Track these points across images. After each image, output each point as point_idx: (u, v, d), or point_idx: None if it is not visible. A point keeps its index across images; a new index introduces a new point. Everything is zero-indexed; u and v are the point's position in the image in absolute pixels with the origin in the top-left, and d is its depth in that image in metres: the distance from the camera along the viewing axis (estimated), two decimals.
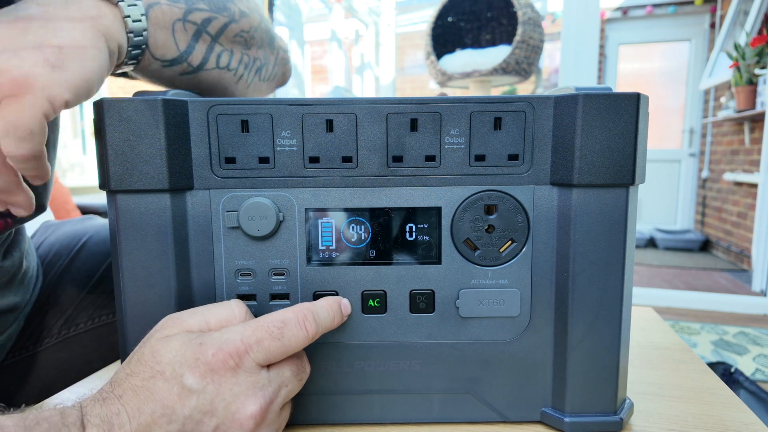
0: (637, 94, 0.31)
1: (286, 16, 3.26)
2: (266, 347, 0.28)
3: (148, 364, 0.27)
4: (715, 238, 3.54)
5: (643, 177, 0.33)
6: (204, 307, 0.31)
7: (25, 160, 0.29)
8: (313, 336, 0.30)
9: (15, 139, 0.28)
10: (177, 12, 0.39)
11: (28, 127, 0.28)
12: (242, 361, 0.27)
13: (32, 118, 0.28)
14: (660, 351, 0.49)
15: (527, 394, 0.35)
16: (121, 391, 0.26)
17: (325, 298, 0.33)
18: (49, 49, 0.29)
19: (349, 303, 0.33)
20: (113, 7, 0.34)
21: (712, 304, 2.31)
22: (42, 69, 0.28)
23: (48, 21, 0.30)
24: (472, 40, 2.54)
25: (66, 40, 0.30)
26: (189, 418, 0.26)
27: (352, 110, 0.31)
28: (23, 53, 0.28)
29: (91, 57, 0.30)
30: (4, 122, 0.28)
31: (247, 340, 0.28)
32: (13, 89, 0.28)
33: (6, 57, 0.28)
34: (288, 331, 0.29)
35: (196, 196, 0.32)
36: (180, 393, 0.26)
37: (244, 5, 0.47)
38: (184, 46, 0.40)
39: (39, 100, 0.28)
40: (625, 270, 0.32)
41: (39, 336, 0.55)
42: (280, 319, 0.29)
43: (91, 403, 0.26)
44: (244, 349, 0.27)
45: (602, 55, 3.94)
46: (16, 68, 0.28)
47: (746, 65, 2.71)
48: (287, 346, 0.29)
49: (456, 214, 0.33)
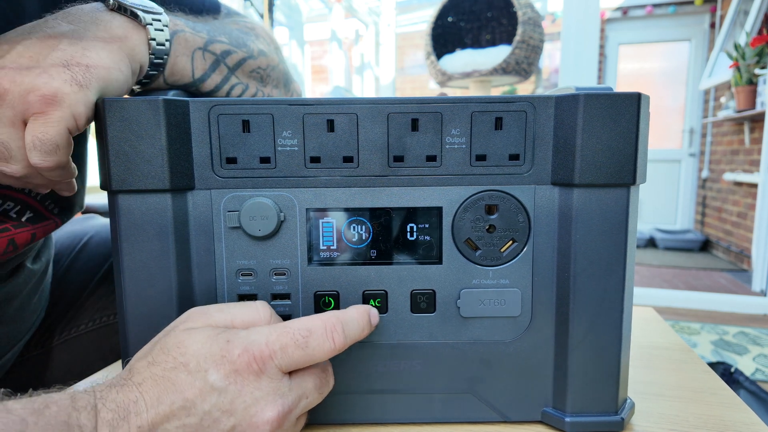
0: (638, 93, 0.31)
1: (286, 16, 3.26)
2: (290, 354, 0.27)
3: (172, 354, 0.27)
4: (715, 238, 3.54)
5: (644, 177, 0.33)
6: (230, 305, 0.31)
7: (51, 170, 0.31)
8: (341, 348, 0.29)
9: (42, 152, 0.30)
10: (199, 41, 0.40)
11: (55, 142, 0.30)
12: (266, 366, 0.27)
13: (59, 133, 0.30)
14: (661, 351, 0.49)
15: (528, 394, 0.35)
16: (141, 379, 0.26)
17: (356, 307, 0.31)
18: (77, 68, 0.30)
19: (377, 313, 0.32)
20: (141, 29, 0.35)
21: (712, 304, 2.31)
22: (70, 87, 0.30)
23: (77, 40, 0.31)
24: (472, 40, 2.54)
25: (93, 60, 0.31)
26: (208, 414, 0.26)
27: (353, 110, 0.31)
28: (52, 70, 0.30)
29: (116, 78, 0.32)
30: (32, 137, 0.30)
31: (271, 345, 0.27)
32: (42, 107, 0.29)
33: (36, 73, 0.29)
34: (313, 340, 0.28)
35: (197, 196, 0.32)
36: (202, 388, 0.26)
37: (264, 45, 0.49)
38: (199, 74, 0.41)
39: (66, 117, 0.30)
40: (626, 270, 0.32)
41: (40, 338, 0.55)
42: (307, 327, 0.28)
43: (106, 389, 0.25)
44: (268, 354, 0.27)
45: (602, 55, 3.94)
46: (45, 85, 0.29)
47: (746, 65, 2.71)
48: (311, 355, 0.28)
49: (457, 214, 0.33)
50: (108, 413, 0.24)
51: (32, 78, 0.29)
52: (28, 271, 0.48)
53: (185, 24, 0.40)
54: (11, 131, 0.30)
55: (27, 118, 0.30)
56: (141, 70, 0.36)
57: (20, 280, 0.46)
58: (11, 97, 0.29)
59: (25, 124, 0.30)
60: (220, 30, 0.44)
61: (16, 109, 0.29)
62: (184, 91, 0.41)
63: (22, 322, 0.50)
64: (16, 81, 0.29)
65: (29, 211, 0.42)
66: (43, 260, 0.51)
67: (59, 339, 0.56)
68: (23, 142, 0.30)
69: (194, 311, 0.30)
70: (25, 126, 0.30)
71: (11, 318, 0.47)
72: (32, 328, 0.53)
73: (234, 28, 0.46)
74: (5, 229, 0.40)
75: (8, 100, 0.29)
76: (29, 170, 0.31)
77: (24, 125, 0.30)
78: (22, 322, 0.50)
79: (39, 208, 0.43)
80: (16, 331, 0.49)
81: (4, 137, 0.30)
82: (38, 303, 0.52)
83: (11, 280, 0.45)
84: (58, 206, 0.45)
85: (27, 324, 0.51)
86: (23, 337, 0.51)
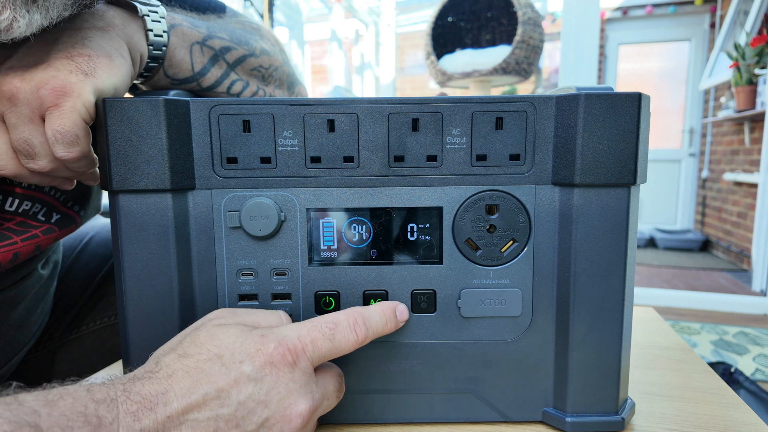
0: (639, 93, 0.31)
1: (286, 16, 3.26)
2: (319, 347, 0.28)
3: (206, 346, 0.27)
4: (715, 238, 3.54)
5: (645, 177, 0.33)
6: (254, 310, 0.32)
7: (76, 161, 0.32)
8: (363, 340, 0.30)
9: (64, 144, 0.31)
10: (197, 35, 0.41)
11: (74, 132, 0.31)
12: (299, 359, 0.28)
13: (75, 123, 0.31)
14: (661, 351, 0.49)
15: (529, 394, 0.35)
16: (171, 371, 0.26)
17: (380, 303, 0.33)
18: (80, 58, 0.31)
19: (406, 309, 0.33)
20: (138, 19, 0.36)
21: (712, 304, 2.31)
22: (76, 77, 0.30)
23: (76, 30, 0.32)
24: (472, 40, 2.54)
25: (94, 49, 0.32)
26: (242, 405, 0.26)
27: (353, 110, 0.31)
28: (57, 63, 0.30)
29: (118, 64, 0.33)
30: (52, 131, 0.30)
31: (303, 339, 0.28)
32: (55, 99, 0.30)
33: (43, 68, 0.30)
34: (339, 332, 0.29)
35: (198, 196, 0.32)
36: (237, 378, 0.26)
37: (268, 45, 0.49)
38: (199, 67, 0.41)
39: (77, 106, 0.30)
40: (626, 270, 0.32)
41: (41, 340, 0.55)
42: (332, 320, 0.30)
43: (129, 381, 0.25)
44: (301, 347, 0.28)
45: (602, 55, 3.94)
46: (53, 78, 0.30)
47: (746, 65, 2.71)
48: (337, 347, 0.29)
49: (457, 214, 0.33)
50: (132, 405, 0.23)
51: (40, 73, 0.30)
52: (38, 275, 0.48)
53: (183, 19, 0.40)
54: (31, 128, 0.30)
55: (44, 114, 0.30)
56: (141, 61, 0.36)
57: (27, 285, 0.46)
58: (24, 94, 0.30)
59: (43, 120, 0.31)
60: (221, 27, 0.44)
61: (32, 105, 0.30)
62: (186, 90, 0.41)
63: (30, 326, 0.49)
64: (26, 78, 0.30)
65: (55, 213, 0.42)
66: (51, 264, 0.51)
67: (60, 341, 0.56)
68: (44, 137, 0.31)
69: (223, 310, 0.31)
70: (43, 121, 0.31)
71: (16, 323, 0.47)
72: (38, 332, 0.52)
73: (237, 27, 0.46)
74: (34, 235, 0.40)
75: (22, 98, 0.30)
76: (55, 164, 0.32)
77: (42, 120, 0.31)
78: (30, 326, 0.49)
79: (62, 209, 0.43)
80: (25, 335, 0.49)
81: (26, 134, 0.31)
82: (43, 308, 0.52)
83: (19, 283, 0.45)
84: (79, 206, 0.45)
85: (33, 328, 0.51)
86: (29, 341, 0.51)
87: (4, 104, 0.30)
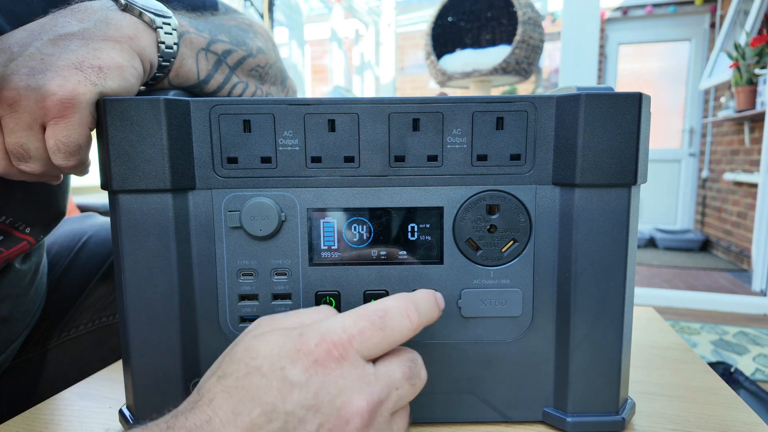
0: (639, 93, 0.31)
1: (286, 16, 3.26)
2: (368, 338, 0.25)
3: (243, 361, 0.24)
4: (715, 238, 3.54)
5: (645, 177, 0.32)
6: (296, 311, 0.29)
7: (74, 168, 0.32)
8: (417, 327, 0.27)
9: (65, 154, 0.31)
10: (202, 42, 0.40)
11: (78, 144, 0.31)
12: (347, 352, 0.25)
13: (81, 135, 0.30)
14: (661, 351, 0.49)
15: (529, 393, 0.35)
16: (211, 396, 0.24)
17: (421, 290, 0.29)
18: (90, 69, 0.30)
19: (442, 297, 0.30)
20: (151, 31, 0.35)
21: (712, 304, 2.31)
22: (85, 89, 0.30)
23: (88, 40, 0.31)
24: (472, 40, 2.54)
25: (105, 60, 0.31)
26: (291, 415, 0.23)
27: (354, 110, 0.31)
28: (65, 72, 0.29)
29: (129, 76, 0.32)
30: (55, 141, 0.30)
31: (349, 330, 0.25)
32: (61, 111, 0.29)
33: (50, 77, 0.29)
34: (390, 320, 0.26)
35: (198, 196, 0.32)
36: (280, 387, 0.23)
37: (262, 43, 0.49)
38: (204, 75, 0.41)
39: (85, 118, 0.30)
40: (627, 270, 0.32)
41: (39, 339, 0.55)
42: (381, 308, 0.26)
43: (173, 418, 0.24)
44: (347, 339, 0.25)
45: (602, 55, 3.94)
46: (60, 89, 0.29)
47: (746, 65, 2.71)
48: (390, 336, 0.26)
49: (458, 214, 0.33)
50: None
51: (46, 81, 0.29)
52: (17, 271, 0.47)
53: (189, 24, 0.40)
54: (29, 134, 0.30)
55: (45, 123, 0.30)
56: (150, 71, 0.36)
57: (6, 282, 0.46)
58: (27, 102, 0.29)
59: (42, 127, 0.30)
60: (221, 28, 0.44)
61: (34, 114, 0.29)
62: (186, 91, 0.41)
63: (15, 323, 0.49)
64: (30, 85, 0.29)
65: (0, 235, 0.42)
66: (33, 260, 0.51)
67: (58, 340, 0.56)
68: (42, 143, 0.30)
69: (262, 319, 0.28)
70: (42, 128, 0.30)
71: (2, 319, 0.47)
72: (27, 329, 0.52)
73: (233, 25, 0.46)
74: None
75: (24, 106, 0.29)
76: (48, 168, 0.32)
77: (42, 128, 0.30)
78: (15, 323, 0.49)
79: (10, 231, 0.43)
80: (10, 332, 0.49)
81: (23, 140, 0.30)
82: (32, 303, 0.52)
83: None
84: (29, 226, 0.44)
85: (21, 325, 0.50)
86: (18, 338, 0.51)
87: (3, 108, 0.29)
